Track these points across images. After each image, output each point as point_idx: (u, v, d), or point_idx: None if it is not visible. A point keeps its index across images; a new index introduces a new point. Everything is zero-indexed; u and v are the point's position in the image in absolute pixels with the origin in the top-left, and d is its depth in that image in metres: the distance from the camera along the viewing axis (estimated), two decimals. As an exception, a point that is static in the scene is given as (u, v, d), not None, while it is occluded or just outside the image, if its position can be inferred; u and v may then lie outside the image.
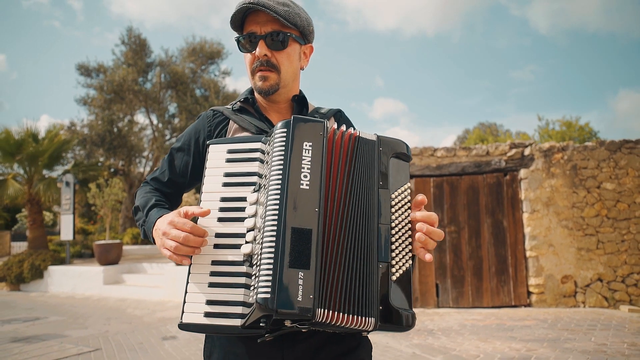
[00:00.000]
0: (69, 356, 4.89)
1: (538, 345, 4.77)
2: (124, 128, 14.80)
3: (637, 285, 7.12)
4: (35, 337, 5.88)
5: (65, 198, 11.82)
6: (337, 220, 0.98)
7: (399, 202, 1.05)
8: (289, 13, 1.20)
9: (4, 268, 11.44)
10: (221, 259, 1.02)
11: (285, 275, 0.88)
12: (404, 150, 1.10)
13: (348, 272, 0.95)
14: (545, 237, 7.31)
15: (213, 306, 0.98)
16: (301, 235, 0.91)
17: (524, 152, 7.60)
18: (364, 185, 1.02)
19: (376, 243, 0.99)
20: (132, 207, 1.32)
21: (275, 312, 0.86)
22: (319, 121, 1.02)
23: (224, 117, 1.30)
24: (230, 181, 1.08)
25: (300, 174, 0.96)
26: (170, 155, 1.33)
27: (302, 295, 0.87)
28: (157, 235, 1.10)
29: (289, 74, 1.26)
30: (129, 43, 14.97)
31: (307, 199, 0.94)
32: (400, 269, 1.00)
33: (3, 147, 12.33)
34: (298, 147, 0.98)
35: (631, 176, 7.33)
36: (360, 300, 0.94)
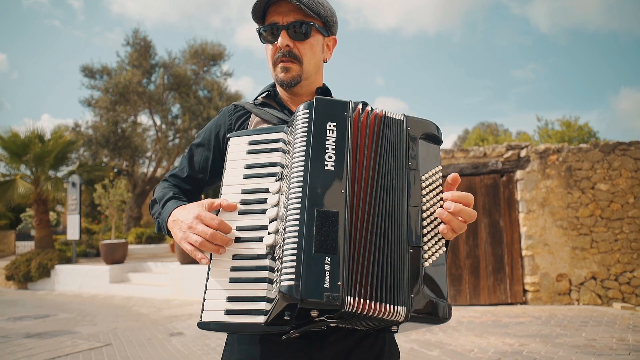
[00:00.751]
0: (81, 351, 5.11)
1: (530, 340, 4.98)
2: (127, 129, 15.03)
3: (630, 283, 7.32)
4: (47, 333, 6.10)
5: (71, 198, 12.05)
6: (364, 202, 0.92)
7: (430, 184, 0.99)
8: (312, 2, 1.17)
9: (12, 267, 11.69)
10: (243, 253, 0.97)
11: (311, 261, 0.83)
12: (434, 131, 1.03)
13: (377, 257, 0.89)
14: (541, 236, 7.51)
15: (234, 303, 0.93)
16: (327, 218, 0.87)
17: (520, 154, 7.80)
18: (392, 167, 0.96)
19: (406, 226, 0.93)
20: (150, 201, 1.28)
21: (300, 301, 0.81)
22: (342, 101, 0.98)
23: (245, 111, 1.28)
24: (251, 173, 1.04)
25: (325, 155, 0.92)
26: (190, 151, 1.31)
27: (329, 282, 0.82)
28: (177, 227, 1.05)
29: (312, 66, 1.23)
30: (135, 44, 15.19)
31: (333, 181, 0.90)
32: (433, 255, 0.94)
33: (10, 148, 12.58)
34: (321, 127, 0.94)
35: (624, 177, 7.53)
36: (390, 287, 0.88)
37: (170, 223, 1.09)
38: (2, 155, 12.87)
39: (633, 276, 7.31)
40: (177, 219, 1.05)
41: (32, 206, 13.58)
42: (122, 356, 4.88)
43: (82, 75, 16.69)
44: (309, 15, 1.18)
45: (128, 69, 14.98)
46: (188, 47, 16.29)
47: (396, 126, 1.00)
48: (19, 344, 5.45)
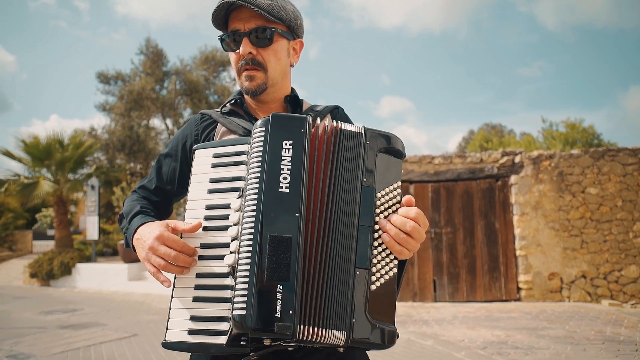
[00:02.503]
0: (112, 340, 5.70)
1: (517, 333, 5.50)
2: (141, 133, 15.70)
3: (618, 281, 7.79)
4: (78, 325, 6.71)
5: (90, 200, 12.70)
6: (319, 224, 0.91)
7: (385, 202, 0.95)
8: (272, 7, 1.14)
9: (35, 265, 12.37)
10: (206, 272, 0.95)
11: (263, 289, 0.83)
12: (396, 145, 0.99)
13: (325, 281, 0.88)
14: (534, 237, 8.00)
15: (197, 322, 0.92)
16: (280, 243, 0.85)
17: (514, 160, 8.29)
18: (346, 184, 0.94)
19: (355, 247, 0.90)
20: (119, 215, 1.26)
21: (251, 331, 0.82)
22: (299, 117, 0.95)
23: (212, 120, 1.25)
24: (215, 187, 1.01)
25: (280, 176, 0.90)
26: (158, 162, 1.29)
27: (280, 312, 0.82)
28: (140, 246, 1.03)
29: (277, 72, 1.20)
30: (147, 53, 15.86)
31: (287, 204, 0.88)
32: (382, 277, 0.91)
33: (33, 153, 13.27)
34: (277, 147, 0.91)
35: (613, 182, 7.99)
36: (333, 312, 0.87)
37: (135, 241, 1.07)
38: (25, 159, 13.57)
39: (621, 275, 7.78)
40: (141, 238, 1.03)
41: (53, 207, 14.29)
42: (150, 345, 5.46)
43: (98, 81, 17.42)
44: (271, 21, 1.15)
45: (142, 76, 15.64)
46: (199, 54, 16.94)
47: (353, 139, 0.96)
48: (55, 334, 6.05)
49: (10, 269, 15.56)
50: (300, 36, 1.27)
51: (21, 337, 5.91)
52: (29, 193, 12.76)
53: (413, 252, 0.95)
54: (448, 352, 4.75)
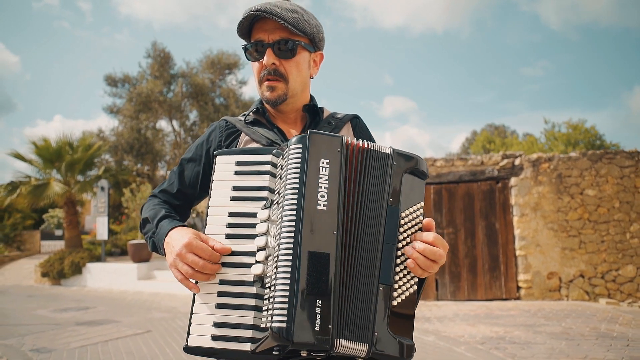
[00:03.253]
0: (127, 336, 5.97)
1: (515, 329, 5.73)
2: (150, 136, 16.01)
3: (615, 281, 8.00)
4: (93, 322, 6.98)
5: (100, 201, 12.99)
6: (350, 241, 0.95)
7: (409, 221, 1.00)
8: (297, 20, 1.17)
9: (46, 265, 12.68)
10: (230, 279, 0.98)
11: (302, 303, 0.85)
12: (421, 166, 1.03)
13: (352, 295, 0.92)
14: (533, 238, 8.22)
15: (221, 329, 0.94)
16: (319, 259, 0.88)
17: (514, 162, 8.52)
18: (373, 202, 0.98)
19: (379, 263, 0.95)
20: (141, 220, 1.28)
21: (291, 343, 0.84)
22: (336, 136, 0.98)
23: (236, 129, 1.27)
24: (238, 195, 1.04)
25: (317, 194, 0.92)
26: (181, 166, 1.30)
27: (319, 325, 0.85)
28: (169, 250, 1.05)
29: (298, 83, 1.23)
30: (155, 56, 16.17)
31: (325, 221, 0.91)
32: (403, 294, 0.95)
33: (44, 155, 13.59)
34: (315, 165, 0.94)
35: (611, 184, 8.21)
36: (359, 324, 0.91)
37: (165, 245, 1.09)
38: (35, 161, 13.89)
39: (618, 274, 8.00)
40: (170, 243, 1.06)
41: (63, 208, 14.59)
42: (164, 341, 5.72)
43: (105, 84, 17.73)
44: (295, 34, 1.18)
45: (150, 79, 15.95)
46: (205, 57, 17.23)
47: (381, 159, 1.00)
48: (72, 330, 6.33)
49: (20, 269, 15.89)
50: (321, 49, 1.31)
51: (40, 332, 6.19)
52: (40, 194, 13.07)
53: (432, 272, 0.99)
54: (448, 347, 4.99)
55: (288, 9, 1.18)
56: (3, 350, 5.16)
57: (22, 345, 5.43)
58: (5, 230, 20.61)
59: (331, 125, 1.29)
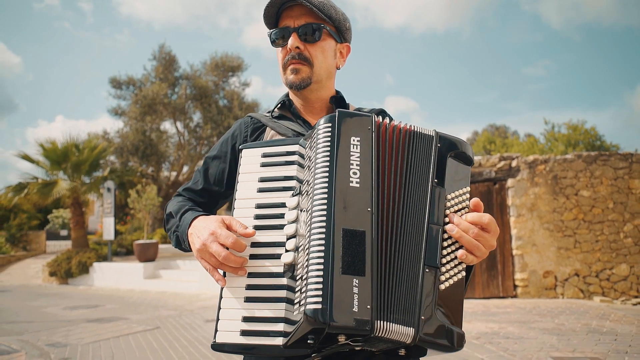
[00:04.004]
0: (137, 332, 6.22)
1: (509, 325, 5.96)
2: (155, 137, 16.29)
3: (609, 279, 8.22)
4: (103, 319, 7.24)
5: (107, 202, 13.27)
6: (389, 220, 0.91)
7: (455, 204, 0.96)
8: (323, 4, 1.17)
9: (54, 264, 12.96)
10: (259, 271, 0.95)
11: (338, 282, 0.80)
12: (466, 150, 1.00)
13: (395, 276, 0.88)
14: (530, 237, 8.44)
15: (250, 323, 0.91)
16: (354, 237, 0.84)
17: (511, 164, 8.74)
18: (417, 182, 0.94)
19: (424, 244, 0.90)
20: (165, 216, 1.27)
21: (328, 326, 0.78)
22: (366, 115, 0.96)
23: (261, 124, 1.26)
24: (265, 186, 1.02)
25: (350, 171, 0.89)
26: (205, 164, 1.29)
27: (358, 306, 0.80)
28: (194, 241, 1.03)
29: (323, 69, 1.21)
30: (160, 59, 16.44)
31: (359, 198, 0.87)
32: (450, 278, 0.91)
33: (51, 157, 13.88)
34: (345, 142, 0.91)
35: (605, 185, 8.43)
36: (402, 307, 0.86)
37: (189, 235, 1.07)
38: (43, 163, 14.18)
39: (612, 273, 8.22)
40: (193, 233, 1.04)
41: (69, 208, 14.88)
42: (172, 336, 5.97)
43: (110, 86, 18.01)
44: (321, 18, 1.19)
45: (155, 82, 16.24)
46: (209, 60, 17.49)
47: (425, 142, 0.97)
48: (83, 327, 6.58)
49: (27, 268, 16.17)
50: (348, 40, 1.31)
51: (54, 329, 6.45)
52: (47, 193, 13.34)
53: (480, 259, 0.94)
54: (445, 342, 5.23)
55: None
56: (21, 345, 5.41)
57: (38, 341, 5.69)
58: (11, 231, 20.89)
59: None
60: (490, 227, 0.94)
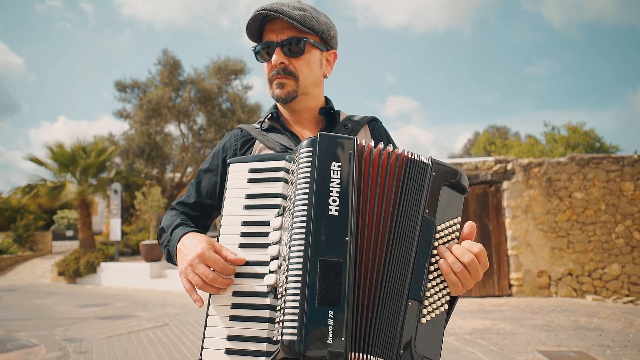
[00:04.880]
0: (147, 328, 6.53)
1: (502, 322, 6.25)
2: (160, 140, 16.65)
3: (601, 278, 8.50)
4: (113, 316, 7.56)
5: (113, 204, 13.60)
6: (370, 249, 0.91)
7: (444, 235, 0.96)
8: (305, 17, 1.17)
9: (63, 264, 13.30)
10: (244, 290, 0.95)
11: (313, 314, 0.82)
12: (461, 180, 1.00)
13: (377, 307, 0.88)
14: (524, 238, 8.73)
15: (235, 342, 0.92)
16: (331, 268, 0.84)
17: (507, 167, 9.03)
18: (407, 212, 0.94)
19: (410, 277, 0.90)
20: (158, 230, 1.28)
21: (302, 357, 0.81)
22: (348, 138, 0.95)
23: (251, 137, 1.27)
24: (252, 203, 1.01)
25: (329, 199, 0.89)
26: (198, 177, 1.30)
27: (332, 338, 0.81)
28: (180, 258, 1.04)
29: (309, 81, 1.22)
30: (165, 63, 16.78)
31: (337, 227, 0.87)
32: (433, 311, 0.91)
33: (59, 160, 14.23)
34: (325, 169, 0.91)
35: (597, 187, 8.71)
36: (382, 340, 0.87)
37: (177, 250, 1.08)
38: (51, 165, 14.53)
39: (604, 272, 8.50)
40: (182, 250, 1.05)
41: (77, 210, 15.22)
42: (181, 332, 6.28)
43: (116, 89, 18.36)
44: (303, 31, 1.18)
45: (160, 86, 16.59)
46: (212, 64, 17.81)
47: (419, 169, 0.97)
48: (97, 323, 6.90)
49: (34, 268, 16.53)
50: (334, 47, 1.29)
51: (68, 325, 6.77)
52: (56, 195, 13.70)
53: (467, 289, 0.93)
54: (439, 337, 5.52)
55: (295, 7, 1.19)
56: (39, 340, 5.73)
57: (55, 336, 6.00)
58: (18, 231, 21.26)
59: (347, 128, 1.27)
60: (480, 257, 0.94)
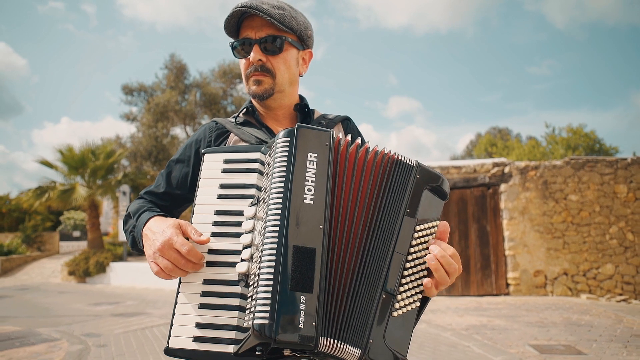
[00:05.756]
0: (160, 325, 6.87)
1: (497, 319, 6.56)
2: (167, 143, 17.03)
3: (596, 278, 8.80)
4: (127, 313, 7.90)
5: (122, 205, 13.97)
6: (346, 239, 0.93)
7: (423, 235, 0.98)
8: (284, 16, 1.18)
9: (72, 264, 13.67)
10: (214, 278, 0.95)
11: (285, 299, 0.82)
12: (443, 186, 1.02)
13: (350, 296, 0.90)
14: (521, 239, 9.03)
15: (203, 330, 0.91)
16: (304, 254, 0.85)
17: (504, 170, 9.34)
18: (389, 208, 0.96)
19: (386, 271, 0.92)
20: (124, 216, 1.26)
21: (273, 341, 0.80)
22: (324, 130, 0.97)
23: (226, 130, 1.27)
24: (226, 193, 1.01)
25: (305, 187, 0.90)
26: (168, 167, 1.29)
27: (303, 322, 0.82)
28: (147, 243, 1.03)
29: (285, 79, 1.24)
30: (172, 68, 17.17)
31: (311, 215, 0.88)
32: (405, 306, 0.93)
33: (69, 162, 14.62)
34: (302, 158, 0.92)
35: (592, 189, 9.00)
36: (353, 327, 0.89)
37: (144, 235, 1.07)
38: (62, 169, 14.92)
39: (598, 272, 8.79)
40: (148, 235, 1.04)
41: (86, 211, 15.61)
42: (192, 328, 6.61)
43: (123, 93, 18.77)
44: (282, 30, 1.19)
45: (167, 89, 16.97)
46: (217, 68, 18.20)
47: (404, 170, 0.99)
48: (111, 320, 7.24)
49: (43, 268, 16.92)
50: (310, 47, 1.32)
51: (84, 322, 7.12)
52: (67, 197, 14.08)
53: (439, 290, 0.97)
54: (437, 333, 5.84)
55: (274, 5, 1.20)
56: (60, 334, 6.08)
57: (73, 332, 6.35)
58: (26, 232, 21.67)
59: (321, 125, 1.30)
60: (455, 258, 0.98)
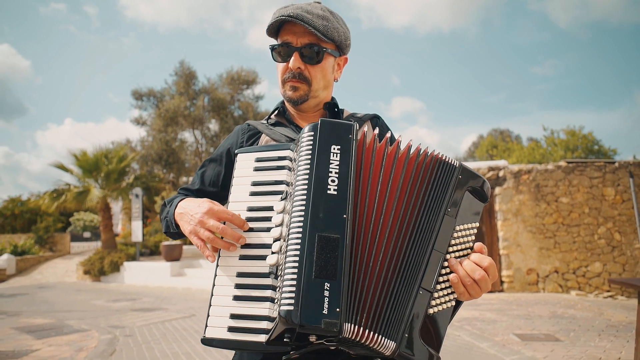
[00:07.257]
0: (177, 318, 7.45)
1: (488, 312, 7.10)
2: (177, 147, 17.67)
3: (585, 276, 9.32)
4: (145, 309, 8.49)
5: (135, 207, 14.58)
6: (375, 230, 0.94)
7: (462, 236, 0.99)
8: (327, 28, 1.19)
9: (88, 263, 14.29)
10: (247, 271, 1.00)
11: (310, 286, 0.85)
12: (484, 188, 1.03)
13: (385, 287, 0.91)
14: (514, 239, 9.57)
15: (237, 320, 0.96)
16: (328, 243, 0.88)
17: (498, 174, 9.88)
18: (430, 206, 0.98)
19: (424, 267, 0.94)
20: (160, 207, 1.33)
21: (298, 326, 0.83)
22: (347, 123, 0.99)
23: (257, 131, 1.31)
24: (257, 190, 1.06)
25: (328, 179, 0.93)
26: (203, 166, 1.36)
27: (328, 309, 0.84)
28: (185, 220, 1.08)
29: (321, 87, 1.26)
30: (181, 74, 17.81)
31: (335, 205, 0.91)
32: (440, 305, 0.94)
33: (83, 166, 15.26)
34: (325, 150, 0.95)
35: (582, 192, 9.53)
36: (388, 320, 0.89)
37: (178, 215, 1.11)
38: (77, 172, 15.57)
39: (587, 270, 9.31)
40: (185, 212, 1.09)
41: (99, 213, 16.24)
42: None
43: (132, 98, 19.42)
44: (323, 40, 1.21)
45: (176, 95, 17.61)
46: (225, 74, 18.82)
47: (447, 170, 1.01)
48: (132, 314, 7.83)
49: (56, 268, 17.56)
50: (346, 53, 1.33)
51: (107, 316, 7.71)
52: (82, 200, 14.72)
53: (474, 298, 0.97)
54: (432, 324, 6.38)
55: (319, 15, 1.20)
56: (89, 326, 6.67)
57: (99, 324, 6.94)
58: (39, 233, 22.34)
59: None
60: (489, 271, 0.97)
